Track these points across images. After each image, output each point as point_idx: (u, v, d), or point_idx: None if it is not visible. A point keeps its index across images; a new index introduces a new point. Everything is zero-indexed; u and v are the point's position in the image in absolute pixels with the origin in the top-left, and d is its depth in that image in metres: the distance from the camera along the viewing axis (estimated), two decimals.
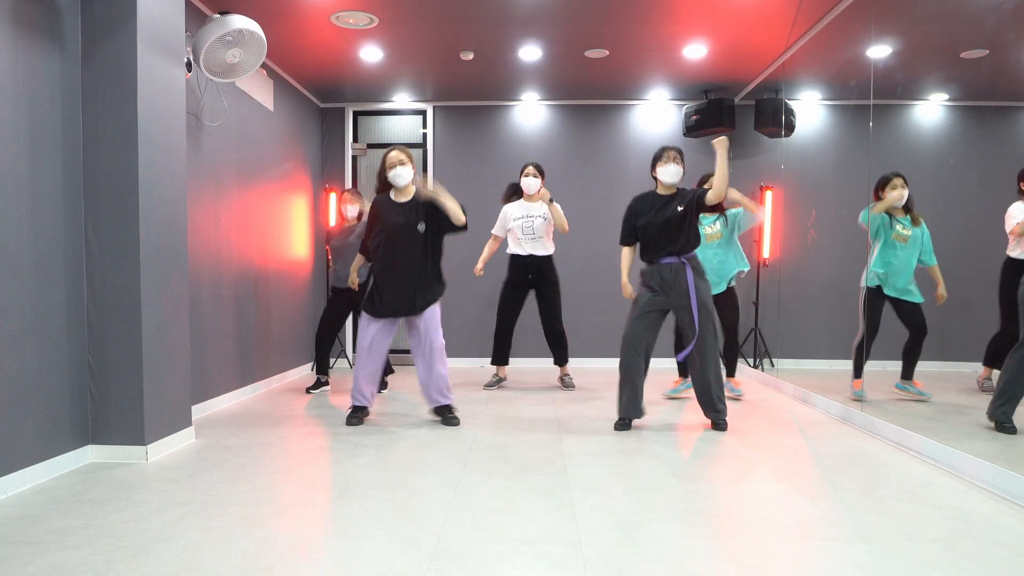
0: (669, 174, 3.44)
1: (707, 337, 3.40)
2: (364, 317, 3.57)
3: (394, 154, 3.51)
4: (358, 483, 2.58)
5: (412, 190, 3.57)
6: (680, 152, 3.49)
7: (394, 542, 2.00)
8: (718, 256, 4.27)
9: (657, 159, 3.49)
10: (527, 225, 4.58)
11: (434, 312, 3.59)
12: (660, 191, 3.52)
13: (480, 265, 4.68)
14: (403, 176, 3.50)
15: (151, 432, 2.92)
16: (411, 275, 3.47)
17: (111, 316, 2.86)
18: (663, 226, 3.40)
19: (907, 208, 3.94)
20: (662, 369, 4.86)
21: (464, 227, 3.52)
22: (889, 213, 3.94)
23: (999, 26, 3.47)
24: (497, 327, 4.76)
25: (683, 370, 4.40)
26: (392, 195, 3.59)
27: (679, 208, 3.40)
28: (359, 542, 2.00)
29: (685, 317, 3.43)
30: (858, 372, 4.00)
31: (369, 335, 3.54)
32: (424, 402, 3.74)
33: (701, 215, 3.77)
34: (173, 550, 1.94)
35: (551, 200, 4.50)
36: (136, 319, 2.86)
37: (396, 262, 3.49)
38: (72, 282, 2.78)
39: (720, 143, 3.28)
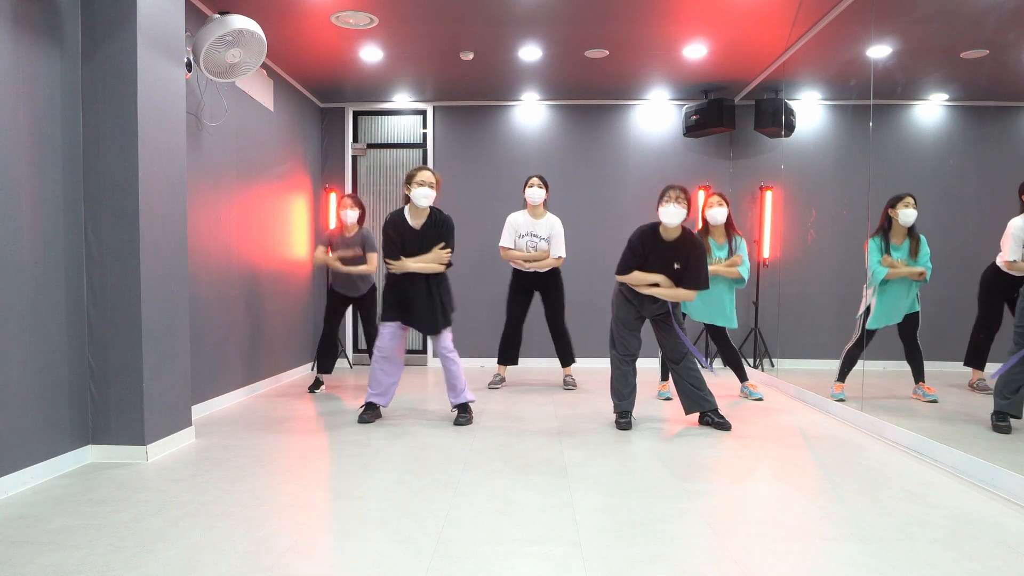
0: (669, 215, 3.32)
1: (684, 345, 3.54)
2: (384, 325, 3.67)
3: (427, 174, 3.58)
4: (358, 483, 2.58)
5: (427, 212, 3.64)
6: (684, 191, 3.35)
7: (394, 542, 2.00)
8: (715, 289, 4.19)
9: (660, 199, 3.39)
10: (531, 246, 4.64)
11: (445, 332, 3.72)
12: (663, 234, 3.42)
13: (524, 259, 4.63)
14: (427, 198, 3.56)
15: (151, 432, 2.92)
16: (427, 298, 3.62)
17: (111, 316, 2.86)
18: (667, 276, 3.44)
19: (910, 231, 3.81)
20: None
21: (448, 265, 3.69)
22: (887, 242, 3.83)
23: (999, 26, 3.47)
24: (505, 329, 4.81)
25: (666, 373, 4.42)
26: (408, 217, 3.63)
27: (676, 266, 3.41)
28: (359, 542, 2.01)
29: (664, 330, 3.57)
30: (842, 377, 4.03)
31: (387, 343, 3.66)
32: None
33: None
34: (173, 550, 1.94)
35: (559, 257, 4.61)
36: (136, 319, 2.86)
37: (413, 285, 3.62)
38: (72, 282, 2.78)
39: (653, 292, 3.42)
